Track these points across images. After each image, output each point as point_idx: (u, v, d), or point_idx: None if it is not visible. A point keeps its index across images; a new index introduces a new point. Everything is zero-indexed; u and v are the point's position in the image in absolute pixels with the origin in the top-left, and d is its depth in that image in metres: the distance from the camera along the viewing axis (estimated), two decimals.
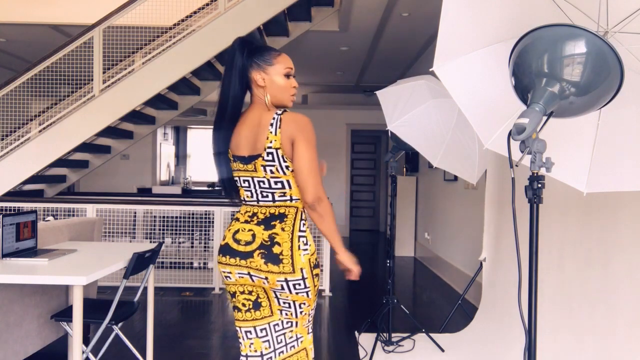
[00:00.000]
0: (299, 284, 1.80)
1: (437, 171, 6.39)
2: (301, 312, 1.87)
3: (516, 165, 1.58)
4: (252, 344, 1.91)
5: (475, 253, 4.84)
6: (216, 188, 9.42)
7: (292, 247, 1.79)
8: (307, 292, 1.82)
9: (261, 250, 1.79)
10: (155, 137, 10.32)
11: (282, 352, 1.90)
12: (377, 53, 6.76)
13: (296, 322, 1.88)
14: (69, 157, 6.00)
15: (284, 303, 1.85)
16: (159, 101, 5.87)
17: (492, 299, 3.85)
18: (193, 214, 5.53)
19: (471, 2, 1.75)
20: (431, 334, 3.67)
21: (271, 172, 1.81)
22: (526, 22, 1.68)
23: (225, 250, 1.86)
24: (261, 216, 1.85)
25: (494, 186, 4.00)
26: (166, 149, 11.10)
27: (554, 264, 3.17)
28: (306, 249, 1.82)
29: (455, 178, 5.72)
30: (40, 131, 5.18)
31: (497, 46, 1.82)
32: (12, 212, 4.92)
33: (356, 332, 3.93)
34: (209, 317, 4.43)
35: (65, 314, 2.71)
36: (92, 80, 5.16)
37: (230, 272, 1.86)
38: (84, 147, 5.73)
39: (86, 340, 3.22)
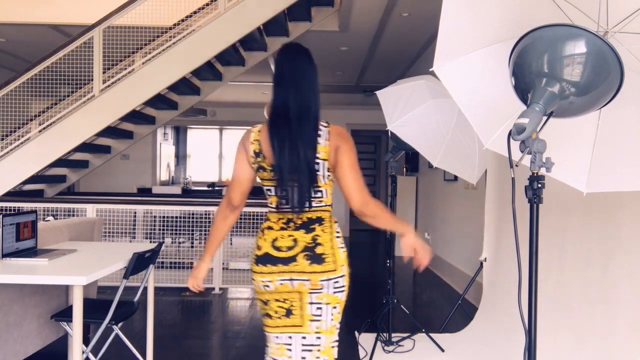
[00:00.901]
0: (338, 282, 1.86)
1: (437, 171, 6.39)
2: (332, 320, 1.88)
3: (516, 165, 1.58)
4: (278, 349, 1.92)
5: (475, 253, 4.84)
6: (216, 188, 9.42)
7: (332, 246, 1.86)
8: (342, 292, 1.88)
9: (305, 253, 1.83)
10: (155, 137, 10.32)
11: None
12: (377, 53, 6.76)
13: (324, 337, 1.88)
14: (69, 157, 6.00)
15: (317, 309, 1.86)
16: (159, 101, 5.87)
17: (492, 299, 3.85)
18: (193, 214, 5.53)
19: (471, 2, 1.75)
20: (431, 334, 3.67)
21: None
22: (526, 22, 1.68)
23: (264, 259, 1.87)
24: (298, 222, 1.87)
25: (494, 186, 4.00)
26: (166, 149, 11.09)
27: (554, 264, 3.17)
28: (343, 248, 1.90)
29: (455, 178, 5.72)
30: (40, 131, 5.18)
31: (497, 46, 1.82)
32: (12, 212, 4.92)
33: (356, 332, 3.93)
34: (209, 317, 4.43)
35: (65, 314, 2.70)
36: (92, 80, 5.16)
37: (270, 281, 1.86)
38: (84, 147, 5.73)
39: (86, 340, 3.22)
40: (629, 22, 1.68)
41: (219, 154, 11.53)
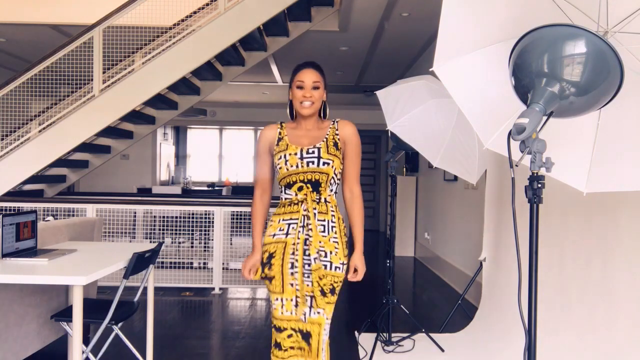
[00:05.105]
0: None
1: (437, 171, 6.39)
2: None
3: (516, 165, 1.58)
4: None
5: (475, 253, 4.84)
6: (216, 188, 9.42)
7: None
8: None
9: None
10: (155, 137, 10.32)
11: None
12: (377, 53, 6.76)
13: None
14: (69, 157, 6.00)
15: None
16: (159, 101, 5.87)
17: (492, 299, 3.85)
18: (193, 214, 5.53)
19: (471, 2, 1.75)
20: (431, 334, 3.67)
21: None
22: (526, 22, 1.68)
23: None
24: None
25: (494, 186, 4.00)
26: (166, 149, 11.10)
27: (554, 264, 3.17)
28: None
29: (455, 178, 5.72)
30: (40, 131, 5.17)
31: (497, 46, 1.82)
32: (12, 212, 4.92)
33: (356, 332, 3.93)
34: (209, 317, 4.43)
35: (65, 314, 2.70)
36: (92, 80, 5.16)
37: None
38: (84, 147, 5.73)
39: (86, 340, 3.22)
40: (629, 22, 1.68)
41: (219, 154, 11.54)
